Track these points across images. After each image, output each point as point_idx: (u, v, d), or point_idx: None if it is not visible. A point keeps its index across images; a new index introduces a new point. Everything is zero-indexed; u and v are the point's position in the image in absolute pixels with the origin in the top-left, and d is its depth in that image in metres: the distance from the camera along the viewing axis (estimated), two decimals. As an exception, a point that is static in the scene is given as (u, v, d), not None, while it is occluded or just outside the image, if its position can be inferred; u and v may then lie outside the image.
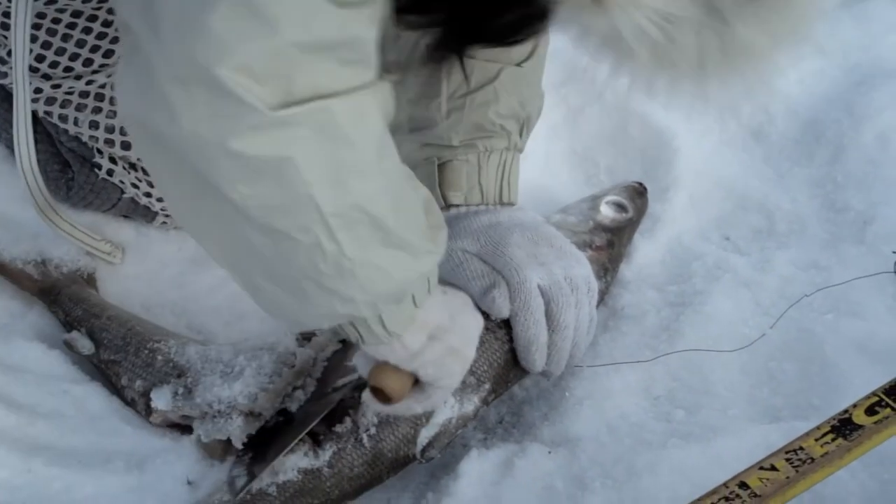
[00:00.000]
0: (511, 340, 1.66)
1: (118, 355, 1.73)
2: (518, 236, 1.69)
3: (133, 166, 1.89)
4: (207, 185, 1.21)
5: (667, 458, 1.58)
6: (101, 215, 1.96)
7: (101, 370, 1.76)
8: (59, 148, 1.90)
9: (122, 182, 1.89)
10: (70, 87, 1.85)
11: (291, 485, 1.54)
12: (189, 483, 1.59)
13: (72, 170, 1.91)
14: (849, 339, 1.74)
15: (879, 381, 1.41)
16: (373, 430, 1.57)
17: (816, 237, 1.97)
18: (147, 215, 1.95)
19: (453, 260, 1.68)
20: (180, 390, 1.65)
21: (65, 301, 1.82)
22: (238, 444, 1.58)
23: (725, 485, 1.33)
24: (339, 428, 1.58)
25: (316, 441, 1.57)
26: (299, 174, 1.20)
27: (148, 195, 1.91)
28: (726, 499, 1.31)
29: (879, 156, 2.04)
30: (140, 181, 1.89)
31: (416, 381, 1.46)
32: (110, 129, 1.86)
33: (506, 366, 1.67)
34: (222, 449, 1.61)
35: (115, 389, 1.73)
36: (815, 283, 1.84)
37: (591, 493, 1.55)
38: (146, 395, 1.67)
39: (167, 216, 1.95)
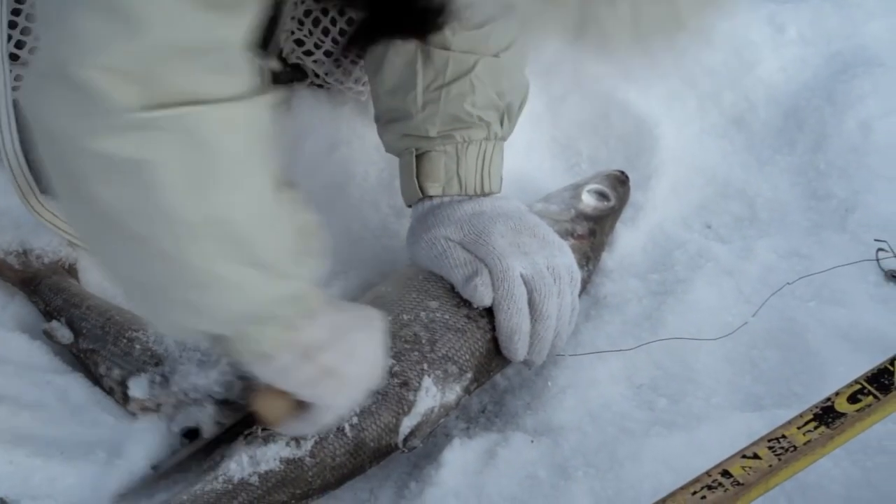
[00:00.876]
0: (493, 329, 1.66)
1: (97, 344, 1.72)
2: (501, 225, 1.69)
3: None
4: (74, 180, 1.22)
5: (649, 447, 1.58)
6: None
7: (80, 359, 1.75)
8: None
9: None
10: None
11: (273, 475, 1.53)
12: (153, 468, 1.59)
13: None
14: (831, 326, 1.74)
15: (862, 368, 1.41)
16: (354, 420, 1.57)
17: (798, 225, 1.97)
18: None
19: (436, 248, 1.68)
20: (157, 379, 1.65)
21: (45, 291, 1.81)
22: (206, 433, 1.57)
23: (708, 473, 1.32)
24: None
25: None
26: (158, 178, 1.20)
27: None
28: (709, 487, 1.31)
29: (861, 144, 2.04)
30: None
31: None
32: None
33: (488, 355, 1.67)
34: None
35: (94, 378, 1.73)
36: (797, 271, 1.84)
37: (574, 481, 1.55)
38: (123, 383, 1.67)
39: None
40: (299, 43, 2.02)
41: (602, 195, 1.92)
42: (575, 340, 1.76)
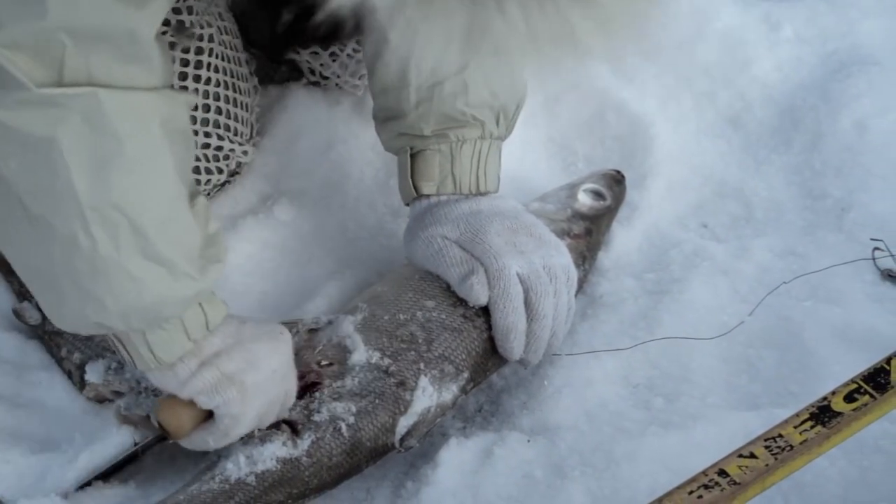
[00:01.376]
0: (489, 329, 1.66)
1: None
2: (498, 224, 1.68)
3: None
4: None
5: (646, 446, 1.59)
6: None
7: (45, 341, 1.77)
8: None
9: None
10: None
11: (270, 474, 1.53)
12: (136, 444, 1.60)
13: None
14: (827, 326, 1.75)
15: (858, 368, 1.42)
16: (351, 420, 1.57)
17: (794, 224, 1.97)
18: None
19: (433, 246, 1.68)
20: (113, 365, 1.65)
21: None
22: (155, 422, 1.57)
23: (704, 472, 1.33)
24: (317, 417, 1.57)
25: (294, 430, 1.56)
26: (61, 157, 1.22)
27: None
28: (705, 486, 1.31)
29: (857, 143, 2.04)
30: None
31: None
32: None
33: (484, 354, 1.67)
34: (141, 424, 1.61)
35: (56, 360, 1.74)
36: (793, 271, 1.84)
37: (571, 481, 1.55)
38: (81, 367, 1.68)
39: None
40: None
41: (598, 194, 1.92)
42: (571, 340, 1.76)
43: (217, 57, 1.88)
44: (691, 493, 1.31)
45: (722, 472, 1.32)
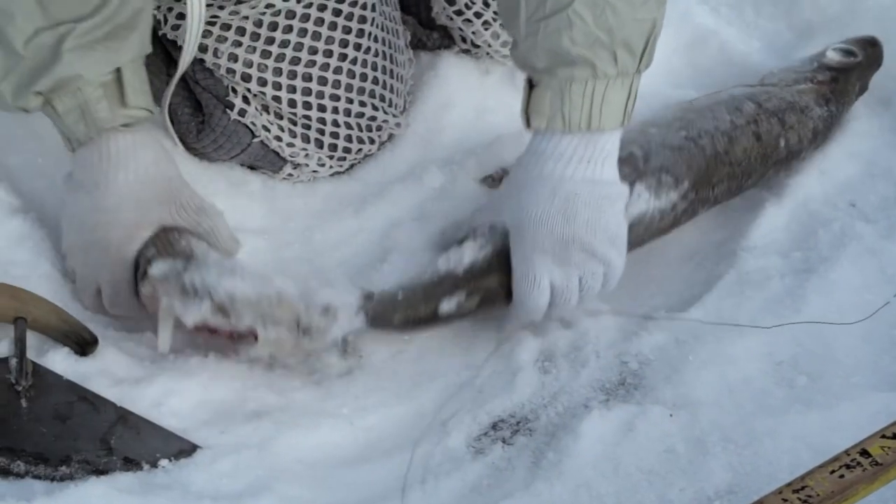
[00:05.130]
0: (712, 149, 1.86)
1: None
2: (562, 223, 1.69)
3: (266, 108, 1.92)
4: None
5: (788, 424, 1.59)
6: (227, 166, 2.01)
7: None
8: (193, 88, 1.94)
9: (253, 124, 1.93)
10: (213, 17, 1.87)
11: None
12: None
13: (202, 113, 1.95)
14: (976, 306, 1.73)
15: None
16: None
17: (947, 205, 1.95)
18: (275, 164, 1.99)
19: (508, 190, 1.75)
20: (178, 267, 1.65)
21: None
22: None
23: (847, 452, 1.33)
24: None
25: None
26: None
27: (279, 139, 1.94)
28: (847, 466, 1.31)
29: None
30: (272, 124, 1.92)
31: None
32: (248, 64, 1.89)
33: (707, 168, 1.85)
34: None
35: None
36: (942, 252, 1.83)
37: (712, 456, 1.56)
38: (150, 261, 1.69)
39: (295, 168, 1.99)
40: (450, 1, 2.05)
41: (848, 52, 1.96)
42: (717, 315, 1.78)
43: (377, 27, 1.91)
44: (833, 472, 1.31)
45: (864, 453, 1.32)
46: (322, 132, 1.94)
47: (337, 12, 1.88)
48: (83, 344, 1.69)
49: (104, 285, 1.72)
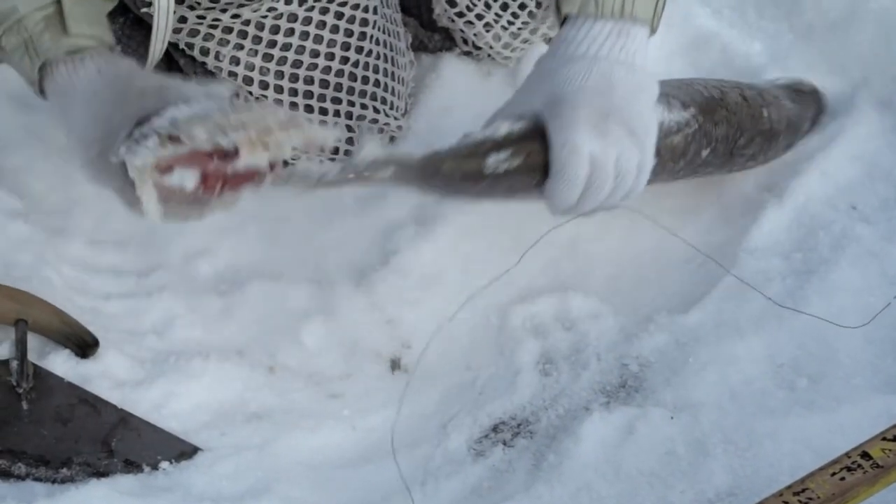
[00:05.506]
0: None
1: None
2: (599, 96, 1.55)
3: None
4: None
5: (789, 426, 1.59)
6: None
7: None
8: None
9: None
10: (214, 20, 1.87)
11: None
12: None
13: None
14: (977, 310, 1.73)
15: None
16: None
17: (947, 209, 1.95)
18: None
19: (542, 69, 1.61)
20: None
21: None
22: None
23: (848, 454, 1.33)
24: None
25: None
26: None
27: None
28: (848, 468, 1.31)
29: None
30: None
31: None
32: (250, 67, 1.89)
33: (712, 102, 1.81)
34: None
35: None
36: (943, 254, 1.83)
37: (713, 458, 1.56)
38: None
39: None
40: (452, 3, 2.05)
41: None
42: (718, 318, 1.78)
43: (378, 30, 1.91)
44: (833, 474, 1.31)
45: (865, 455, 1.32)
46: (323, 135, 1.94)
47: (339, 15, 1.88)
48: (84, 346, 1.69)
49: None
